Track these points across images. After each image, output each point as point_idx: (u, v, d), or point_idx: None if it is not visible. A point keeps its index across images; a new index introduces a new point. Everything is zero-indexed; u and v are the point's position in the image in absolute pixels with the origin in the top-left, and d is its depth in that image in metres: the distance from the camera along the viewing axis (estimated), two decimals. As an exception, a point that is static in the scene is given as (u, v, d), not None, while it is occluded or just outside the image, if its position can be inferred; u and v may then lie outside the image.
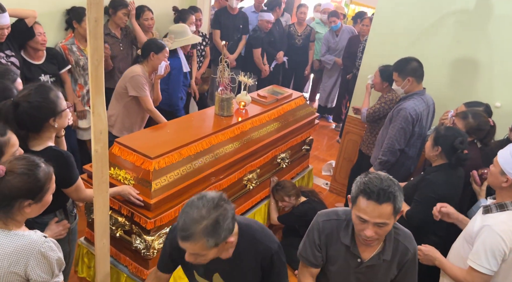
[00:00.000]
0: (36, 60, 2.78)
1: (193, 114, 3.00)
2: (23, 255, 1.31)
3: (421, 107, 2.66)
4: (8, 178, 1.31)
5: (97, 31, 1.29)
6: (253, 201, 2.93)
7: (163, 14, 3.88)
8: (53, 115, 1.75)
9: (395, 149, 2.70)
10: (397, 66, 2.72)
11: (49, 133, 1.79)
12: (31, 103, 1.69)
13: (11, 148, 1.56)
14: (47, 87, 1.80)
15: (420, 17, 3.08)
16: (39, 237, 1.36)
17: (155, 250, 2.10)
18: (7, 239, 1.32)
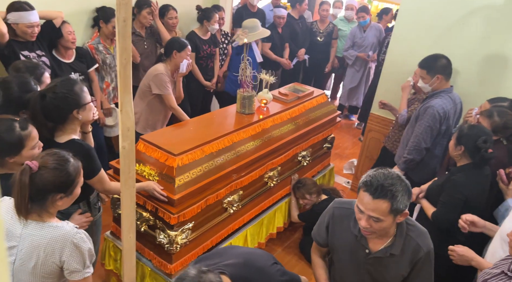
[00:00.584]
0: (66, 58, 2.89)
1: (214, 112, 3.03)
2: (58, 246, 1.39)
3: (448, 106, 2.60)
4: (42, 173, 1.39)
5: (126, 31, 1.33)
6: (273, 199, 2.94)
7: (186, 13, 3.93)
8: (77, 107, 1.83)
9: (421, 147, 2.65)
10: (425, 63, 2.65)
11: (73, 125, 1.87)
12: (57, 94, 1.78)
13: (32, 141, 1.65)
14: (73, 80, 1.90)
15: (446, 12, 3.00)
16: (71, 228, 1.44)
17: (178, 245, 2.15)
18: (43, 231, 1.40)
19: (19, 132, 1.61)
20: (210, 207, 2.32)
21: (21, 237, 1.40)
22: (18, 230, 1.40)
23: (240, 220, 2.63)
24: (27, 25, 2.50)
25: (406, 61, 3.22)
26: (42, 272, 1.41)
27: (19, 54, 2.52)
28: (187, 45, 2.95)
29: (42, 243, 1.38)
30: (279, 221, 3.04)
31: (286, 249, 3.11)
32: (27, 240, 1.39)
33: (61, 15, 2.77)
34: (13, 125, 1.61)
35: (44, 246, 1.38)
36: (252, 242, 2.77)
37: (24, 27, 2.50)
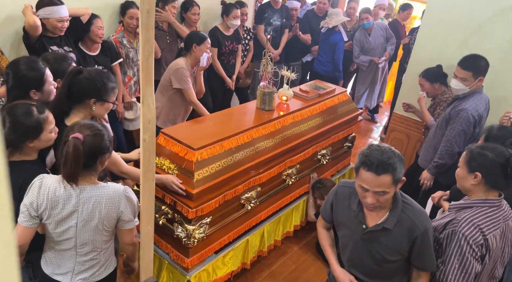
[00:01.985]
0: (91, 51, 2.93)
1: (234, 108, 3.02)
2: (115, 200, 1.58)
3: (482, 107, 2.49)
4: (87, 140, 1.50)
5: (149, 23, 1.33)
6: (291, 197, 2.91)
7: (209, 9, 3.94)
8: (96, 97, 1.88)
9: (454, 151, 2.54)
10: (470, 65, 2.48)
11: (85, 111, 1.91)
12: (90, 77, 1.87)
13: (49, 124, 1.70)
14: (112, 78, 1.97)
15: (475, 11, 2.90)
16: (119, 185, 1.63)
17: (195, 239, 2.15)
18: (99, 191, 1.57)
19: (38, 116, 1.65)
20: (228, 203, 2.31)
21: (79, 201, 1.54)
22: (73, 197, 1.53)
23: (257, 217, 2.61)
24: (58, 19, 2.55)
25: (432, 60, 3.13)
26: (104, 226, 1.59)
27: (49, 49, 2.58)
28: (207, 38, 2.95)
29: (102, 200, 1.55)
30: (296, 219, 3.01)
31: (303, 248, 3.07)
32: (87, 201, 1.54)
33: (88, 11, 2.82)
34: (31, 109, 1.65)
35: (104, 203, 1.56)
36: (268, 239, 2.75)
37: (55, 21, 2.55)
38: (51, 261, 1.62)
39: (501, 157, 1.57)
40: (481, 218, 1.57)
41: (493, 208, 1.60)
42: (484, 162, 1.59)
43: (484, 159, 1.59)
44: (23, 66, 1.91)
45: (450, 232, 1.59)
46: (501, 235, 1.61)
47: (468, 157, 1.65)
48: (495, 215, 1.60)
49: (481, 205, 1.61)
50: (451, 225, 1.61)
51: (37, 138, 1.66)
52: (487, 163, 1.59)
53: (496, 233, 1.58)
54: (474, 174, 1.62)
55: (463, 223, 1.57)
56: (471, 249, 1.53)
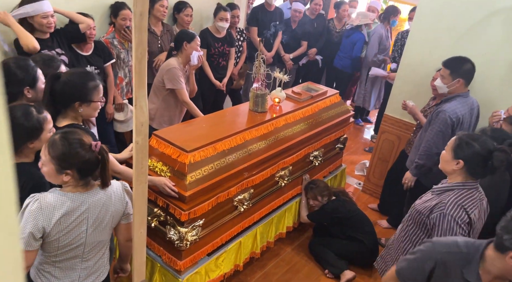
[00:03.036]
0: (84, 51, 2.91)
1: (227, 110, 3.03)
2: (120, 195, 1.64)
3: (462, 110, 2.54)
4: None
5: (142, 25, 1.32)
6: (284, 198, 2.92)
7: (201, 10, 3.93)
8: (80, 100, 1.86)
9: (432, 152, 2.60)
10: (450, 63, 2.59)
11: (73, 114, 1.90)
12: (69, 81, 1.83)
13: (48, 124, 1.70)
14: (92, 76, 1.92)
15: (466, 13, 2.94)
16: (117, 182, 1.68)
17: (188, 242, 2.15)
18: (105, 192, 1.59)
19: (37, 116, 1.64)
20: (221, 205, 2.31)
21: (90, 206, 1.53)
22: (84, 204, 1.52)
23: (250, 219, 2.61)
24: (42, 15, 2.52)
25: (423, 63, 3.17)
26: (113, 224, 1.64)
27: (39, 52, 2.55)
28: (196, 35, 2.96)
29: (111, 198, 1.59)
30: (289, 221, 3.02)
31: (296, 249, 3.08)
32: (96, 205, 1.55)
33: (90, 22, 2.79)
34: (29, 109, 1.64)
35: (113, 200, 1.60)
36: (261, 240, 2.75)
37: (39, 18, 2.52)
38: (54, 276, 1.57)
39: (486, 150, 1.69)
40: (463, 199, 1.73)
41: (471, 190, 1.76)
42: (469, 152, 1.71)
43: (470, 149, 1.71)
44: (14, 65, 1.90)
45: (439, 215, 1.72)
46: (478, 213, 1.76)
47: (455, 144, 1.76)
48: (473, 195, 1.75)
49: (461, 187, 1.76)
50: (438, 209, 1.73)
51: (38, 138, 1.65)
52: (471, 153, 1.70)
53: (476, 211, 1.73)
54: (457, 161, 1.74)
55: (449, 205, 1.71)
56: (460, 228, 1.68)
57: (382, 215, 3.58)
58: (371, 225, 2.99)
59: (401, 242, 1.95)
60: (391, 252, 2.05)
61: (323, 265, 2.91)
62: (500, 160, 1.66)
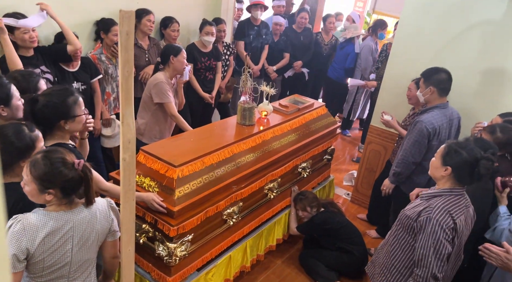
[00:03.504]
0: (70, 68, 2.91)
1: (215, 123, 3.04)
2: (106, 213, 1.62)
3: (439, 121, 2.61)
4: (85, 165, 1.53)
5: (128, 44, 1.34)
6: (273, 211, 2.92)
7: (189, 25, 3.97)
8: (64, 118, 1.85)
9: (408, 161, 2.68)
10: (425, 72, 2.69)
11: (61, 132, 1.89)
12: (48, 102, 1.82)
13: (40, 142, 1.69)
14: (69, 91, 1.90)
15: (445, 27, 3.03)
16: (102, 199, 1.66)
17: (177, 258, 2.13)
18: (89, 209, 1.57)
19: (29, 134, 1.63)
20: (210, 219, 2.31)
21: (75, 225, 1.52)
22: (68, 223, 1.50)
23: (240, 232, 2.61)
24: (22, 30, 2.51)
25: (406, 74, 3.24)
26: (98, 242, 1.62)
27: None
28: (182, 49, 2.99)
29: (96, 216, 1.57)
30: (279, 233, 3.02)
31: (286, 261, 3.08)
32: (81, 223, 1.53)
33: (78, 46, 2.77)
34: (21, 128, 1.63)
35: (98, 217, 1.58)
36: (251, 254, 2.74)
37: (20, 33, 2.51)
38: None
39: (473, 158, 1.75)
40: (450, 205, 1.77)
41: (458, 196, 1.81)
42: (457, 159, 1.77)
43: (458, 156, 1.77)
44: None
45: (425, 218, 1.76)
46: (465, 221, 1.80)
47: (445, 151, 1.83)
48: (460, 202, 1.81)
49: (448, 193, 1.81)
50: (426, 212, 1.78)
51: (30, 157, 1.62)
52: (459, 160, 1.77)
53: (462, 217, 1.77)
54: (446, 168, 1.81)
55: (436, 210, 1.76)
56: (444, 233, 1.71)
57: (370, 225, 3.61)
58: (360, 235, 3.01)
59: (389, 246, 1.98)
60: (380, 256, 2.08)
61: (314, 277, 2.91)
62: (486, 168, 1.73)
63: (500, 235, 2.05)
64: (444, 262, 1.73)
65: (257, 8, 4.42)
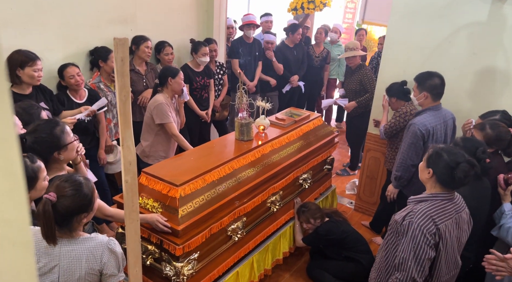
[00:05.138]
0: (78, 99, 3.00)
1: (214, 141, 3.09)
2: (97, 252, 1.54)
3: (432, 123, 2.65)
4: (61, 201, 1.48)
5: (124, 70, 1.39)
6: (277, 224, 2.93)
7: (180, 48, 4.07)
8: (57, 149, 1.89)
9: (407, 164, 2.71)
10: (418, 77, 2.74)
11: (56, 164, 1.92)
12: (36, 138, 1.85)
13: (43, 172, 1.71)
14: (54, 122, 1.94)
15: (433, 32, 3.11)
16: (104, 237, 1.60)
17: (185, 277, 2.14)
18: (80, 244, 1.54)
19: (31, 166, 1.66)
20: (215, 236, 2.32)
21: (60, 255, 1.50)
22: (55, 250, 1.51)
23: (245, 247, 2.62)
24: (34, 69, 2.59)
25: (398, 80, 3.30)
26: (86, 281, 1.54)
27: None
28: (179, 71, 3.10)
29: (83, 254, 1.52)
30: (285, 246, 3.02)
31: (294, 274, 3.07)
32: (67, 256, 1.51)
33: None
34: (23, 160, 1.65)
35: (86, 256, 1.52)
36: (258, 269, 2.74)
37: (31, 71, 2.58)
38: None
39: (453, 162, 1.74)
40: (433, 210, 1.76)
41: (445, 201, 1.79)
42: (438, 162, 1.79)
43: (439, 159, 1.78)
44: None
45: (408, 223, 1.77)
46: (456, 226, 1.79)
47: (428, 154, 1.86)
48: (447, 207, 1.79)
49: (433, 198, 1.81)
50: (409, 217, 1.79)
51: (33, 188, 1.66)
52: (440, 163, 1.78)
53: (449, 223, 1.76)
54: (428, 170, 1.82)
55: (418, 214, 1.76)
56: (424, 238, 1.70)
57: (374, 232, 3.60)
58: (367, 243, 3.01)
59: (383, 250, 2.00)
60: (377, 261, 2.10)
61: (323, 288, 2.90)
62: (463, 171, 1.71)
63: (507, 233, 2.05)
64: (423, 267, 1.72)
65: (249, 27, 4.53)
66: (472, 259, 2.12)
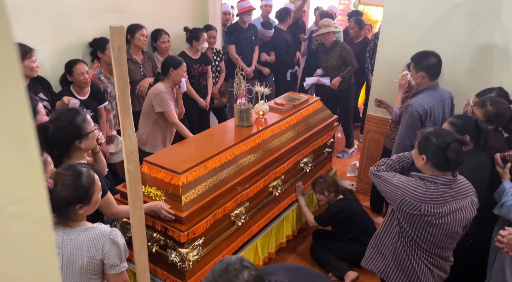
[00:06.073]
0: (81, 95, 2.99)
1: (214, 128, 3.09)
2: (99, 243, 1.55)
3: (430, 102, 2.63)
4: (57, 190, 1.50)
5: (121, 58, 1.38)
6: (280, 208, 2.96)
7: (176, 35, 4.03)
8: (78, 138, 1.91)
9: (405, 145, 2.69)
10: (415, 57, 2.70)
11: (77, 153, 1.94)
12: (58, 127, 1.87)
13: (49, 166, 1.73)
14: (75, 111, 1.96)
15: (429, 10, 3.08)
16: (106, 227, 1.60)
17: (190, 262, 2.17)
18: (82, 234, 1.54)
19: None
20: (218, 222, 2.35)
21: (63, 243, 1.53)
22: (59, 238, 1.53)
23: (249, 232, 2.65)
24: (32, 60, 2.58)
25: (397, 61, 3.28)
26: (88, 270, 1.55)
27: None
28: (182, 62, 3.08)
29: (84, 243, 1.53)
30: (288, 230, 3.06)
31: (298, 256, 3.12)
32: (69, 244, 1.53)
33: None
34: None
35: (87, 246, 1.53)
36: (262, 252, 2.78)
37: (30, 62, 2.58)
38: None
39: (443, 143, 1.72)
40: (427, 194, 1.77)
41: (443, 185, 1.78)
42: (428, 146, 1.76)
43: (429, 143, 1.76)
44: None
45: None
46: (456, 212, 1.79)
47: (418, 140, 1.83)
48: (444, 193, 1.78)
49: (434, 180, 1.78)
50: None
51: None
52: (430, 147, 1.75)
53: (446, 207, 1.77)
54: (422, 156, 1.79)
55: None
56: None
57: (374, 212, 3.63)
58: (375, 227, 3.01)
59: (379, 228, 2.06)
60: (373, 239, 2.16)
61: (327, 268, 2.94)
62: (455, 151, 1.70)
63: (508, 210, 2.07)
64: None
65: (248, 13, 4.49)
66: (472, 235, 2.14)
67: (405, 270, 1.94)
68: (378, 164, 2.03)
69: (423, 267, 1.90)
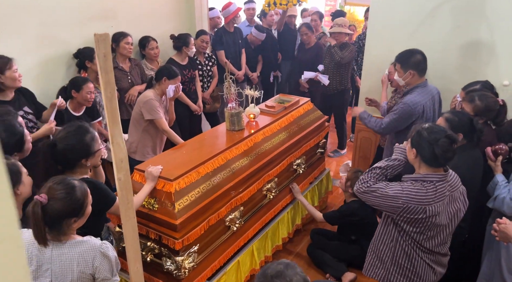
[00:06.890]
0: (76, 112, 2.95)
1: (205, 133, 3.07)
2: (89, 256, 1.52)
3: (423, 100, 2.63)
4: (51, 203, 1.47)
5: (107, 66, 1.36)
6: (275, 211, 2.95)
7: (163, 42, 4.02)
8: (86, 157, 1.89)
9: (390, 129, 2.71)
10: (400, 57, 2.69)
11: (81, 169, 1.93)
12: (67, 145, 1.85)
13: (22, 167, 1.71)
14: (84, 129, 1.94)
15: (416, 7, 3.10)
16: (97, 240, 1.58)
17: (186, 270, 2.14)
18: (72, 248, 1.51)
19: (9, 162, 1.65)
20: (213, 227, 2.32)
21: (51, 258, 1.50)
22: (47, 253, 1.50)
23: (245, 236, 2.63)
24: (14, 70, 2.53)
25: (385, 58, 3.30)
26: None
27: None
28: (178, 75, 3.06)
29: (74, 258, 1.51)
30: (283, 232, 3.04)
31: (295, 258, 3.10)
32: (58, 259, 1.50)
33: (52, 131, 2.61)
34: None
35: (77, 260, 1.51)
36: (259, 256, 2.76)
37: (12, 73, 2.52)
38: None
39: (433, 139, 1.73)
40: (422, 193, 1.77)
41: (439, 182, 1.77)
42: (419, 141, 1.78)
43: (420, 137, 1.77)
44: (3, 132, 1.92)
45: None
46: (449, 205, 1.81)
47: (411, 133, 1.85)
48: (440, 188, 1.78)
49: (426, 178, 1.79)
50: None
51: (21, 182, 1.67)
52: (421, 142, 1.77)
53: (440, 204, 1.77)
54: (413, 150, 1.81)
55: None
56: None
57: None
58: None
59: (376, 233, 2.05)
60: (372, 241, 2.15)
61: (324, 269, 2.93)
62: (442, 146, 1.70)
63: (502, 203, 2.08)
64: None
65: (237, 16, 4.51)
66: (467, 229, 2.15)
67: (406, 273, 1.93)
68: (362, 180, 1.93)
69: (424, 266, 1.89)
